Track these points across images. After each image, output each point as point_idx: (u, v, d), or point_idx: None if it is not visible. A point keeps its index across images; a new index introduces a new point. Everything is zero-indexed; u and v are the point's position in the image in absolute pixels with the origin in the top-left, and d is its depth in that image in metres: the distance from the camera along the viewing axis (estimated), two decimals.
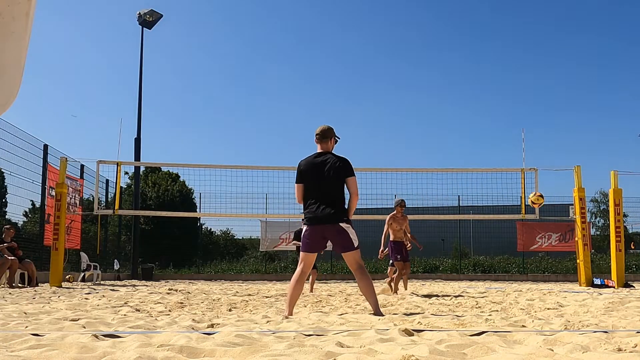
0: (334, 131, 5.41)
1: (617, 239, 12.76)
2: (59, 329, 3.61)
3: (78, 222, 17.05)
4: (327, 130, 5.35)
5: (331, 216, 5.05)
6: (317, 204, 5.11)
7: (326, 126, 5.39)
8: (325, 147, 5.34)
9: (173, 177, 29.87)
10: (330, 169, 5.14)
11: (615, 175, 12.93)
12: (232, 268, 24.67)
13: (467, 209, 23.27)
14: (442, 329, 3.66)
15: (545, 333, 3.26)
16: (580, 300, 7.17)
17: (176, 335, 3.13)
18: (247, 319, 4.52)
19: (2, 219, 15.67)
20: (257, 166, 14.69)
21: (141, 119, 22.08)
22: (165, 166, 26.71)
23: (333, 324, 4.10)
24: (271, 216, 24.00)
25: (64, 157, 13.50)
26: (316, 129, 5.38)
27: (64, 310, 5.36)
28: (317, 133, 5.35)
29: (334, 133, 5.39)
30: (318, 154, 5.32)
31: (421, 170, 15.51)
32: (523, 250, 22.79)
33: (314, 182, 5.18)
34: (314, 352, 2.58)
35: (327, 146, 5.34)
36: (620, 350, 2.69)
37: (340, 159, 5.24)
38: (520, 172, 13.37)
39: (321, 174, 5.16)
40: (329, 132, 5.35)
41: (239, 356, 2.58)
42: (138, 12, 22.31)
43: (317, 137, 5.35)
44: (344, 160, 5.22)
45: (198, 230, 27.20)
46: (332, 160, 5.20)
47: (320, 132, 5.34)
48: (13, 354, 2.55)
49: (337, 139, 5.46)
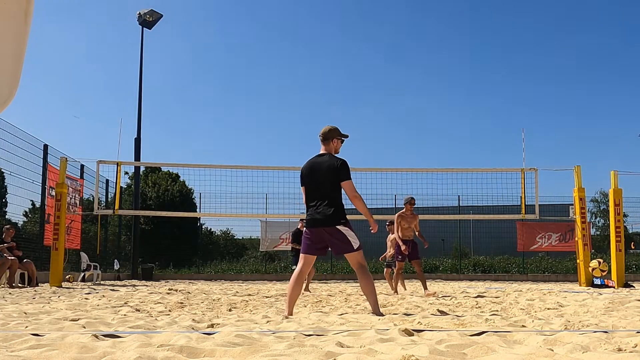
0: (339, 131, 5.33)
1: (617, 239, 12.77)
2: (59, 329, 3.61)
3: (78, 222, 17.05)
4: (328, 132, 5.28)
5: (327, 218, 5.02)
6: (315, 207, 5.10)
7: (329, 127, 5.32)
8: (327, 148, 5.29)
9: (173, 177, 29.86)
10: (325, 171, 5.10)
11: (615, 175, 12.93)
12: (232, 268, 24.67)
13: (467, 209, 23.27)
14: (442, 329, 3.66)
15: (545, 333, 3.26)
16: (580, 300, 7.17)
17: (176, 335, 3.12)
18: (247, 319, 4.52)
19: (2, 219, 15.67)
20: (257, 166, 14.69)
21: (141, 118, 22.09)
22: (165, 166, 26.72)
23: (333, 324, 4.10)
24: (271, 216, 24.00)
25: (64, 157, 13.50)
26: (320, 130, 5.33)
27: (64, 310, 5.36)
28: (319, 135, 5.32)
29: (337, 133, 5.30)
30: (318, 155, 5.29)
31: (421, 170, 15.50)
32: (523, 250, 22.79)
33: (311, 185, 5.18)
34: (314, 352, 2.58)
35: (329, 147, 5.29)
36: (620, 350, 2.69)
37: (336, 161, 5.14)
38: (520, 172, 13.37)
39: (317, 177, 5.13)
40: (330, 133, 5.28)
41: (239, 356, 2.58)
42: (138, 12, 22.31)
43: (320, 138, 5.32)
44: (338, 163, 5.11)
45: (198, 230, 27.20)
46: (327, 162, 5.14)
47: (322, 134, 5.30)
48: (13, 354, 2.54)
49: (343, 139, 5.38)
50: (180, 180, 29.68)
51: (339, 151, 5.36)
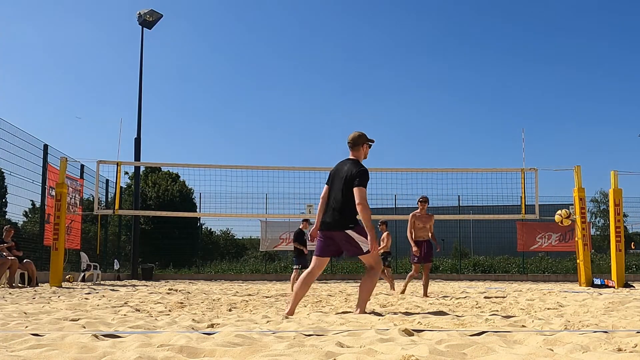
0: (366, 137, 5.35)
1: (617, 239, 12.76)
2: (59, 329, 3.61)
3: (78, 222, 17.05)
4: (358, 137, 5.31)
5: (336, 223, 5.11)
6: (329, 211, 5.18)
7: (357, 133, 5.34)
8: (356, 154, 5.31)
9: (173, 177, 29.84)
10: (343, 177, 5.14)
11: (615, 175, 12.92)
12: (232, 268, 24.66)
13: (467, 209, 23.28)
14: (442, 329, 3.66)
15: (545, 333, 3.26)
16: (580, 300, 7.16)
17: (176, 335, 3.12)
18: (247, 319, 4.52)
19: (2, 219, 15.67)
20: (257, 166, 14.68)
21: (141, 119, 22.09)
22: (165, 166, 26.68)
23: (333, 324, 4.10)
24: (271, 216, 23.99)
25: (64, 157, 13.49)
26: (348, 136, 5.33)
27: (64, 310, 5.36)
28: (348, 141, 5.33)
29: (366, 139, 5.33)
30: (344, 160, 5.33)
31: (421, 170, 15.49)
32: (523, 250, 22.79)
33: (331, 188, 5.26)
34: (314, 352, 2.58)
35: (358, 153, 5.31)
36: (620, 350, 2.69)
37: (355, 166, 5.14)
38: (520, 172, 13.36)
39: (336, 181, 5.20)
40: (360, 139, 5.31)
41: (239, 356, 2.58)
42: (138, 12, 22.30)
43: (348, 145, 5.34)
44: (358, 170, 5.09)
45: (198, 230, 27.19)
46: (348, 168, 5.16)
47: (351, 140, 5.32)
48: (13, 354, 2.54)
49: (371, 144, 5.39)
50: (180, 180, 29.67)
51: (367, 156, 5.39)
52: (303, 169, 14.92)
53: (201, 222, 27.49)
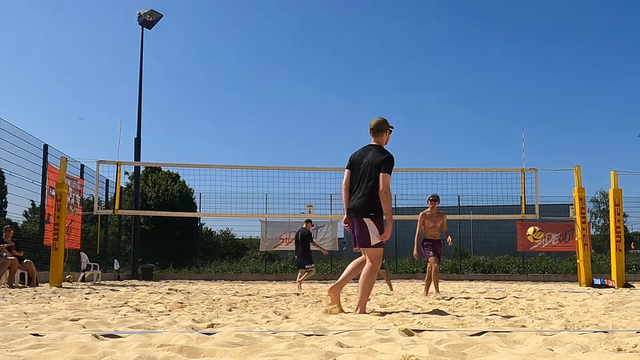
0: (388, 123, 5.36)
1: (617, 239, 12.76)
2: (59, 329, 3.61)
3: (78, 222, 17.04)
4: (382, 123, 5.31)
5: (357, 209, 5.11)
6: (353, 196, 5.19)
7: (380, 119, 5.34)
8: (378, 140, 5.32)
9: (173, 177, 29.82)
10: (368, 163, 5.13)
11: (615, 175, 12.92)
12: (232, 268, 24.65)
13: (467, 209, 23.27)
14: (442, 329, 3.66)
15: (545, 333, 3.26)
16: (580, 300, 7.16)
17: (176, 335, 3.12)
18: (247, 319, 4.52)
19: (2, 219, 15.67)
20: (257, 166, 14.68)
21: (141, 119, 22.08)
22: (165, 166, 26.68)
23: (333, 324, 4.10)
24: (271, 216, 23.98)
25: (64, 157, 13.49)
26: (370, 122, 5.34)
27: (64, 310, 5.36)
28: (371, 127, 5.32)
29: (387, 125, 5.34)
30: (368, 146, 5.33)
31: (421, 170, 15.49)
32: (523, 250, 22.78)
33: (355, 174, 5.24)
34: (314, 352, 2.58)
35: (380, 139, 5.32)
36: (620, 350, 2.69)
37: (381, 152, 5.15)
38: (520, 172, 13.36)
39: (360, 167, 5.19)
40: (383, 125, 5.31)
41: (239, 356, 2.58)
42: (138, 12, 22.30)
43: (371, 131, 5.32)
44: (385, 156, 5.09)
45: (198, 230, 27.18)
46: (373, 154, 5.16)
47: (374, 126, 5.31)
48: (13, 354, 2.54)
49: (391, 130, 5.40)
50: (180, 180, 29.65)
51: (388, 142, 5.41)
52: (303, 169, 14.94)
53: (201, 222, 27.49)
